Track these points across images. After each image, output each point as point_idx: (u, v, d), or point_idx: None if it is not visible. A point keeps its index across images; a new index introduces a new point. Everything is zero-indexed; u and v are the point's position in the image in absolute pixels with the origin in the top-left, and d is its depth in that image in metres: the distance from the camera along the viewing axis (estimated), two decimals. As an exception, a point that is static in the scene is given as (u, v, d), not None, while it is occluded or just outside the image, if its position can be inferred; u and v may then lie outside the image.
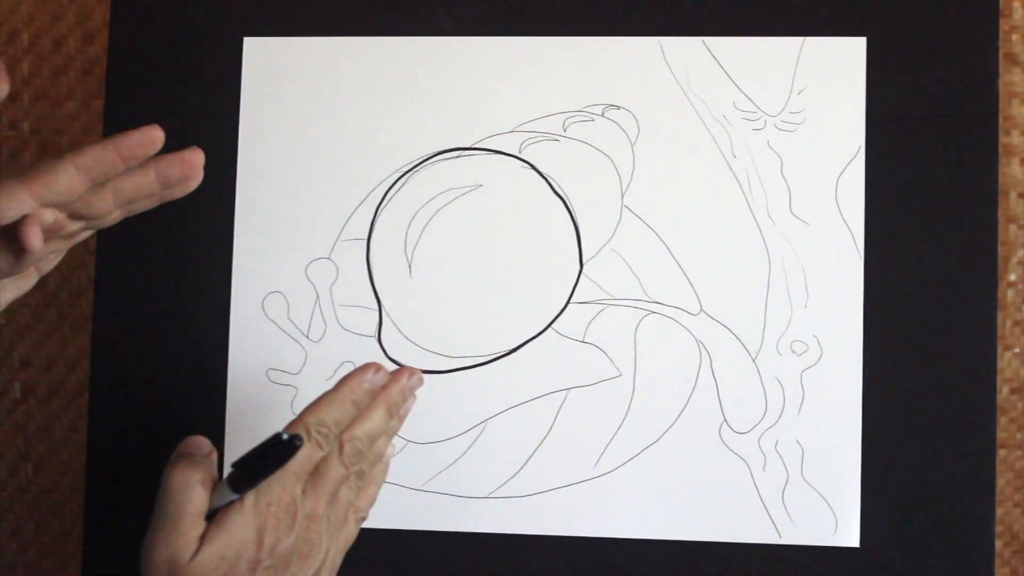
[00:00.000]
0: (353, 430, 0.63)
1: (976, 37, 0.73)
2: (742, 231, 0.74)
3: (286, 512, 0.60)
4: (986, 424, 0.71)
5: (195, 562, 0.58)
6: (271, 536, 0.60)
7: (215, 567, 0.59)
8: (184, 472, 0.61)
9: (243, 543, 0.59)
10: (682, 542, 0.73)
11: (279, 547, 0.60)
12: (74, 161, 0.61)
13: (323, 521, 0.62)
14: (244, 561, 0.59)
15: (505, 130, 0.75)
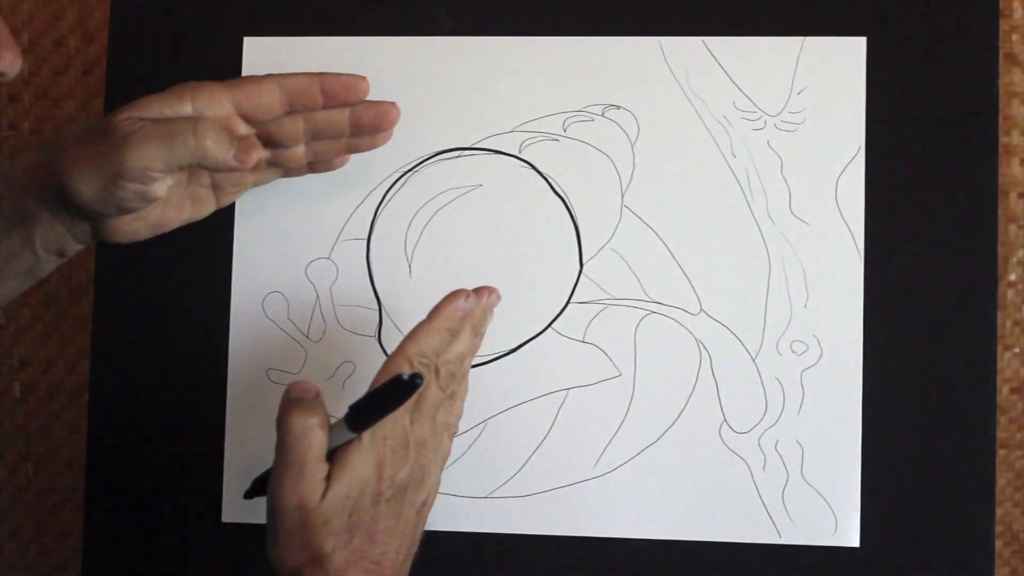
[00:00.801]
0: (447, 355, 0.66)
1: (976, 37, 0.73)
2: (742, 231, 0.74)
3: (400, 444, 0.62)
4: (986, 424, 0.71)
5: (324, 503, 0.60)
6: (389, 469, 0.62)
7: (342, 505, 0.61)
8: (302, 417, 0.61)
9: (365, 479, 0.61)
10: (682, 542, 0.73)
11: (397, 477, 0.62)
12: (279, 81, 0.67)
13: (429, 445, 0.65)
14: (367, 496, 0.61)
15: (505, 130, 0.75)
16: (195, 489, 0.76)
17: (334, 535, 0.61)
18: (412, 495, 0.64)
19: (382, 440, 0.62)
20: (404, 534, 0.64)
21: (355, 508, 0.61)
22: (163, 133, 0.63)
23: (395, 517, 0.63)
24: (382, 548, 0.63)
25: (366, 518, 0.62)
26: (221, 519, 0.75)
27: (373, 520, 0.62)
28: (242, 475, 0.75)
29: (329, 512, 0.60)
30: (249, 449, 0.75)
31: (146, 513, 0.76)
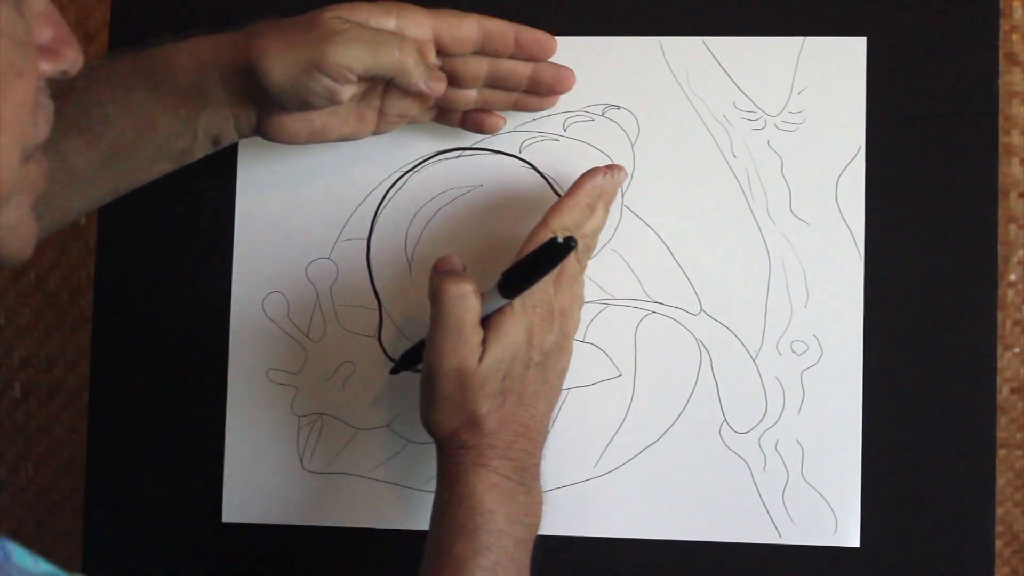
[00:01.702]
0: (585, 229, 0.68)
1: (976, 37, 0.73)
2: (742, 231, 0.74)
3: (547, 311, 0.66)
4: (986, 424, 0.71)
5: (481, 366, 0.64)
6: (538, 335, 0.65)
7: (496, 369, 0.64)
8: (457, 285, 0.64)
9: (517, 344, 0.64)
10: (682, 542, 0.73)
11: (544, 344, 0.66)
12: (479, 20, 0.69)
13: (569, 315, 0.68)
14: (519, 361, 0.65)
15: (505, 130, 0.75)
16: (195, 489, 0.76)
17: (489, 398, 0.64)
18: (555, 361, 0.67)
19: (532, 308, 0.65)
20: (549, 398, 0.67)
21: (508, 372, 0.64)
22: (371, 39, 0.65)
23: (542, 382, 0.66)
24: (531, 411, 0.66)
25: (517, 382, 0.65)
26: (221, 519, 0.75)
27: (523, 384, 0.65)
28: (242, 475, 0.75)
29: (485, 375, 0.64)
30: (249, 449, 0.75)
31: (146, 513, 0.76)
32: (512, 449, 0.65)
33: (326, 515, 0.75)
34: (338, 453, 0.75)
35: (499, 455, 0.65)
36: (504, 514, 0.64)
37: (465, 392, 0.64)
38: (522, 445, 0.65)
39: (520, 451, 0.65)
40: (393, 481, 0.75)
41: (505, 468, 0.65)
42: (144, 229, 0.78)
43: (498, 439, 0.65)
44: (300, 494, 0.75)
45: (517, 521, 0.64)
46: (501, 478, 0.64)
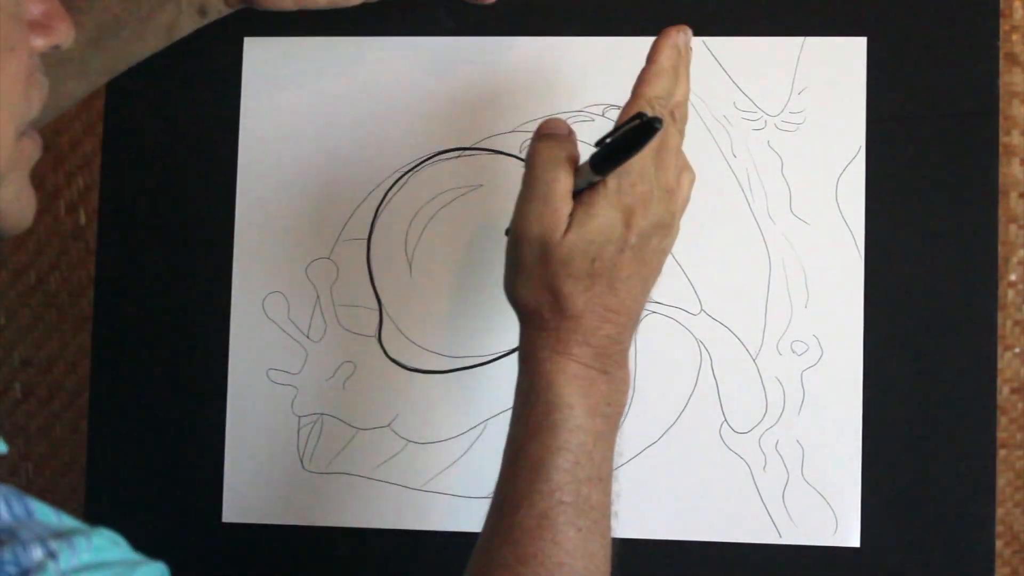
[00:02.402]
0: (677, 97, 0.63)
1: (976, 37, 0.73)
2: (742, 231, 0.74)
3: (647, 190, 0.60)
4: (986, 424, 0.71)
5: (566, 240, 0.59)
6: (638, 217, 0.60)
7: (585, 249, 0.59)
8: (550, 150, 0.60)
9: (611, 226, 0.60)
10: (682, 542, 0.73)
11: (644, 225, 0.60)
12: None
13: (676, 192, 0.62)
14: (612, 243, 0.60)
15: (505, 130, 0.75)
16: (195, 489, 0.76)
17: (574, 278, 0.60)
18: (657, 242, 0.62)
19: (629, 187, 0.60)
20: (646, 280, 0.63)
21: (599, 255, 0.60)
22: None
23: (638, 264, 0.61)
24: (622, 296, 0.61)
25: (608, 266, 0.60)
26: (221, 519, 0.75)
27: (616, 268, 0.60)
28: (242, 475, 0.75)
29: (571, 253, 0.59)
30: (249, 449, 0.75)
31: (146, 513, 0.76)
32: (596, 335, 0.61)
33: (326, 515, 0.75)
34: (338, 453, 0.75)
35: (581, 341, 0.60)
36: (584, 407, 0.60)
37: (548, 266, 0.60)
38: (608, 330, 0.61)
39: (605, 337, 0.61)
40: (393, 481, 0.75)
41: (587, 356, 0.61)
42: (144, 229, 0.78)
43: (582, 323, 0.60)
44: (300, 494, 0.75)
45: (598, 413, 0.61)
46: (582, 367, 0.60)
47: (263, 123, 0.77)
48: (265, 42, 0.77)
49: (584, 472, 0.59)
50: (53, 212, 0.83)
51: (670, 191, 0.62)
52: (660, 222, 0.61)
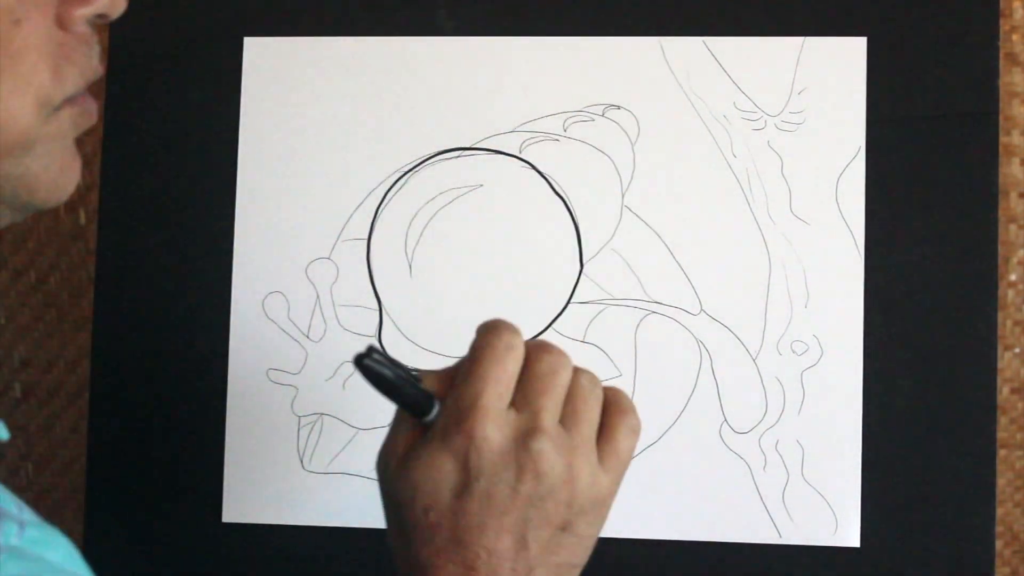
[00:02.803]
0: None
1: (976, 37, 0.73)
2: (742, 231, 0.74)
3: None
4: (986, 424, 0.71)
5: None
6: (473, 459, 0.53)
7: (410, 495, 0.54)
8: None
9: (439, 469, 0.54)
10: (682, 542, 0.73)
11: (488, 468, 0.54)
12: None
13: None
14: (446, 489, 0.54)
15: (505, 130, 0.75)
16: (195, 489, 0.76)
17: (409, 526, 0.54)
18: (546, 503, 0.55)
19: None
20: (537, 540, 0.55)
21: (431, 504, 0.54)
22: None
23: (503, 516, 0.54)
24: (476, 550, 0.54)
25: (449, 516, 0.54)
26: (221, 519, 0.75)
27: (461, 516, 0.54)
28: (242, 475, 0.75)
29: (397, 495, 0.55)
30: (249, 449, 0.75)
31: (146, 513, 0.76)
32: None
33: (326, 515, 0.75)
34: (338, 453, 0.75)
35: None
36: None
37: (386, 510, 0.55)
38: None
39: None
40: (393, 481, 0.75)
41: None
42: (144, 229, 0.78)
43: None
44: (300, 494, 0.75)
45: None
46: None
47: (263, 123, 0.77)
48: (265, 42, 0.77)
49: None
50: (53, 212, 0.83)
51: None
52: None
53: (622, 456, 0.56)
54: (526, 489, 0.53)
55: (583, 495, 0.54)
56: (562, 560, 0.54)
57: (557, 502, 0.54)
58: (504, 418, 0.53)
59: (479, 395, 0.53)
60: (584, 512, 0.54)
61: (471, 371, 0.53)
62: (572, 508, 0.54)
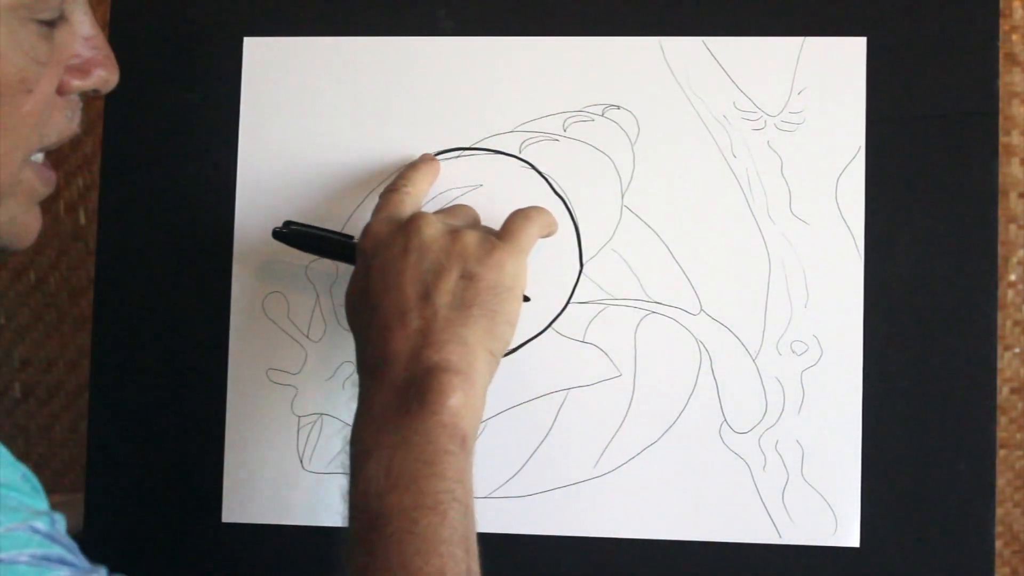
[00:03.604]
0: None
1: (976, 37, 0.73)
2: (742, 231, 0.74)
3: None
4: (986, 424, 0.71)
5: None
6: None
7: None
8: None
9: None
10: (682, 542, 0.73)
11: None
12: None
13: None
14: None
15: (505, 130, 0.75)
16: (195, 489, 0.76)
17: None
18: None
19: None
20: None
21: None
22: None
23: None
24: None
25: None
26: (221, 519, 0.75)
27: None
28: (242, 475, 0.75)
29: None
30: (249, 449, 0.75)
31: (146, 513, 0.76)
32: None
33: (326, 515, 0.75)
34: (338, 453, 0.75)
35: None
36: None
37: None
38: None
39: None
40: (393, 481, 0.75)
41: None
42: (144, 229, 0.78)
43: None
44: (300, 494, 0.75)
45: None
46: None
47: (263, 123, 0.77)
48: (265, 42, 0.77)
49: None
50: (53, 212, 0.83)
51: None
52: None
53: (517, 232, 0.67)
54: (412, 245, 0.65)
55: (472, 246, 0.64)
56: (476, 313, 0.63)
57: (445, 250, 0.64)
58: (387, 221, 0.67)
59: (375, 213, 0.69)
60: (482, 263, 0.64)
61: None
62: (464, 256, 0.64)
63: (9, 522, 0.48)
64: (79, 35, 0.58)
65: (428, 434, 0.60)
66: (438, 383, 0.61)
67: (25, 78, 0.54)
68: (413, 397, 0.61)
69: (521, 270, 0.66)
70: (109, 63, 0.60)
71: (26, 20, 0.53)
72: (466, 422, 0.61)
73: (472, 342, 0.62)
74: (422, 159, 0.74)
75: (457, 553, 0.58)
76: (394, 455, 0.59)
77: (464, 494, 0.60)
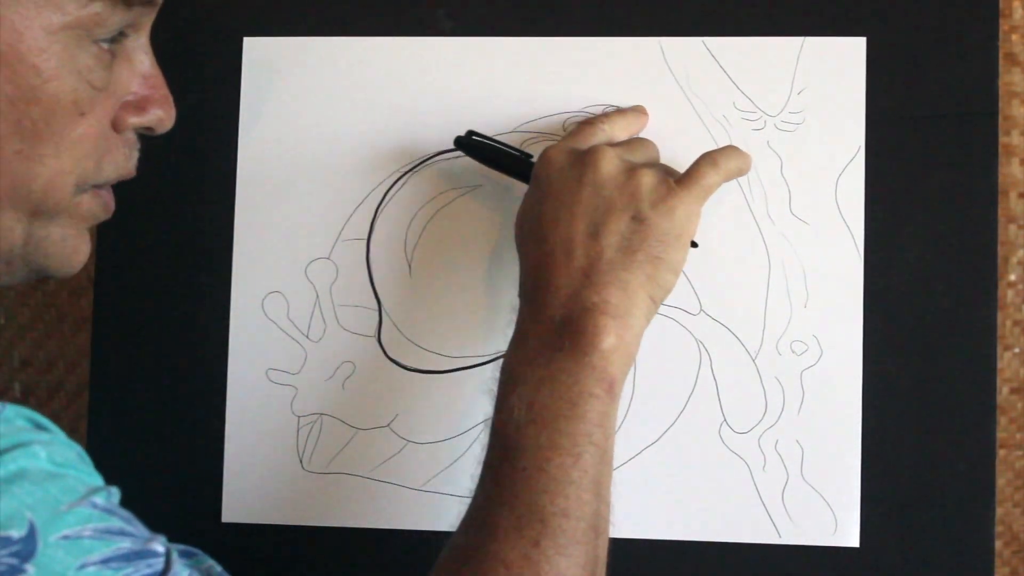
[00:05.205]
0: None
1: (976, 37, 0.73)
2: (742, 231, 0.74)
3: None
4: (986, 424, 0.71)
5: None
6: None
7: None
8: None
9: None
10: (682, 542, 0.73)
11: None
12: None
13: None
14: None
15: (505, 130, 0.75)
16: (195, 489, 0.76)
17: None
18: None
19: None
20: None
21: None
22: None
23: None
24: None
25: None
26: (221, 519, 0.75)
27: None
28: (242, 475, 0.75)
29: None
30: (249, 449, 0.75)
31: (146, 513, 0.76)
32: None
33: (326, 515, 0.75)
34: (338, 453, 0.75)
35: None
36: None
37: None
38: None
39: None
40: (393, 481, 0.75)
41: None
42: (144, 229, 0.78)
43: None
44: (300, 494, 0.75)
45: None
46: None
47: (263, 123, 0.77)
48: (265, 42, 0.77)
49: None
50: (53, 212, 0.83)
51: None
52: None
53: (697, 177, 0.66)
54: (587, 179, 0.65)
55: (647, 188, 0.64)
56: (641, 258, 0.63)
57: (619, 188, 0.64)
58: (568, 150, 0.66)
59: (562, 139, 0.70)
60: (655, 207, 0.64)
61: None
62: (638, 198, 0.64)
63: (71, 500, 0.50)
64: (138, 72, 0.59)
65: (576, 374, 0.61)
66: (593, 324, 0.61)
67: (78, 100, 0.55)
68: (566, 335, 0.61)
69: (693, 217, 0.66)
70: (166, 103, 0.61)
71: (84, 41, 0.54)
72: (616, 367, 0.62)
73: (633, 286, 0.63)
74: (634, 108, 0.73)
75: (584, 496, 0.59)
76: (539, 390, 0.61)
77: (603, 438, 0.61)
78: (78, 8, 0.53)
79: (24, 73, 0.52)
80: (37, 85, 0.53)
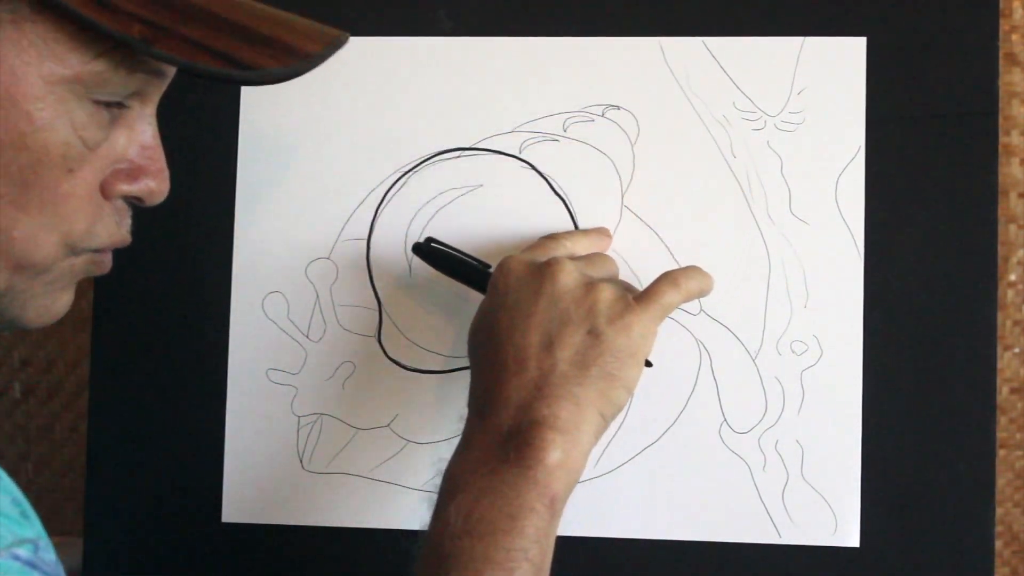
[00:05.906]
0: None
1: (976, 37, 0.73)
2: (742, 231, 0.74)
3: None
4: (986, 424, 0.71)
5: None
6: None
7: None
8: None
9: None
10: (682, 542, 0.73)
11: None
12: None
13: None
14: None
15: (505, 130, 0.75)
16: (195, 489, 0.76)
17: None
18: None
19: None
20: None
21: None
22: None
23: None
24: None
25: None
26: (221, 519, 0.75)
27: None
28: (242, 475, 0.75)
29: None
30: (249, 449, 0.75)
31: (146, 513, 0.76)
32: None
33: (326, 515, 0.75)
34: (338, 453, 0.75)
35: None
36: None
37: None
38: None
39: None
40: (393, 481, 0.75)
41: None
42: (143, 229, 0.77)
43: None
44: (300, 494, 0.75)
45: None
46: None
47: (263, 123, 0.77)
48: (265, 42, 0.77)
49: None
50: (53, 212, 0.83)
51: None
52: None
53: (656, 296, 0.65)
54: (545, 291, 0.64)
55: (605, 303, 0.63)
56: (594, 374, 0.62)
57: (577, 302, 0.63)
58: (527, 262, 0.66)
59: (523, 251, 0.69)
60: (611, 324, 0.63)
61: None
62: (595, 313, 0.63)
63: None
64: (137, 141, 0.58)
65: (518, 487, 0.60)
66: (540, 438, 0.60)
67: (68, 155, 0.54)
68: (512, 446, 0.60)
69: (649, 335, 0.64)
70: (160, 176, 0.60)
71: (82, 97, 0.53)
72: (559, 483, 0.60)
73: (585, 402, 0.62)
74: (597, 229, 0.74)
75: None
76: (480, 500, 0.59)
77: (539, 555, 0.60)
78: (81, 64, 0.52)
79: (16, 118, 0.52)
80: (27, 132, 0.52)
